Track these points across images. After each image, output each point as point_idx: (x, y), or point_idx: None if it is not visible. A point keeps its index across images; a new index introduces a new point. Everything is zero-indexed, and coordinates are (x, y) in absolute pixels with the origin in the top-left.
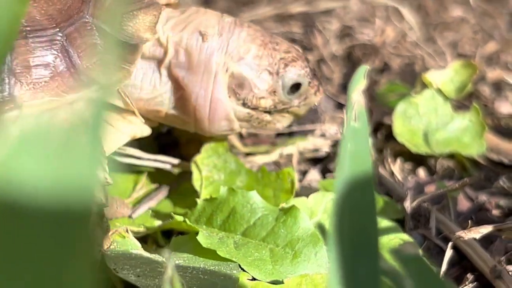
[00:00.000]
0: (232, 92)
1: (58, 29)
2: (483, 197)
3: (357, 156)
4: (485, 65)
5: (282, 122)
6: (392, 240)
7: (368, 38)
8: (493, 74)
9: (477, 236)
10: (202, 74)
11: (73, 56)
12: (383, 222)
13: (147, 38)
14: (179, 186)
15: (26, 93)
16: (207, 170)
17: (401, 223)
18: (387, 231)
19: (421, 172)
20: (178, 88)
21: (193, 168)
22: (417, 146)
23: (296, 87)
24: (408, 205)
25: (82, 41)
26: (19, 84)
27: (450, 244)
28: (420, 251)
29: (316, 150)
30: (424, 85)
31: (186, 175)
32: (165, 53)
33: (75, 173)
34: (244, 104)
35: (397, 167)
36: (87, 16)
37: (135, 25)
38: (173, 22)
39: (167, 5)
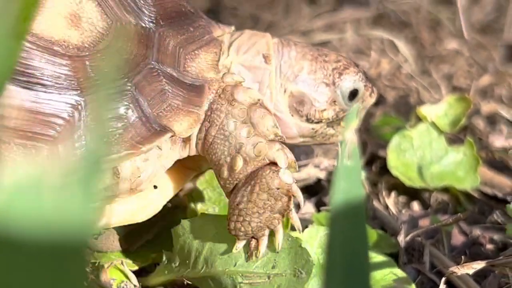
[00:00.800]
0: (294, 111)
1: (126, 79)
2: (477, 232)
3: (349, 194)
4: (480, 98)
5: (338, 134)
6: (386, 275)
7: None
8: (487, 107)
9: (471, 271)
10: (268, 96)
11: (144, 105)
12: (377, 257)
13: (212, 78)
14: (174, 218)
15: (101, 148)
16: (201, 204)
17: (395, 257)
18: (381, 265)
19: (416, 206)
20: None
21: (188, 201)
22: (411, 179)
23: (354, 93)
24: (402, 239)
25: (150, 88)
26: (94, 139)
27: (443, 279)
28: (414, 286)
29: (309, 179)
30: (419, 119)
31: (181, 207)
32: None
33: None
34: (308, 120)
35: (391, 201)
36: (153, 62)
37: (198, 65)
38: (236, 45)
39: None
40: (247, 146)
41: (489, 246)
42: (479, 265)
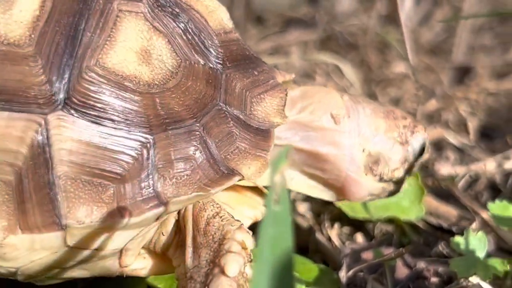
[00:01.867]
0: (368, 170)
1: (195, 119)
2: (421, 264)
3: (277, 241)
4: (426, 123)
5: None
6: None
7: None
8: (433, 133)
9: None
10: (333, 157)
11: (211, 147)
12: None
13: (278, 123)
14: None
15: (169, 188)
16: None
17: None
18: None
19: (359, 237)
20: None
21: None
22: (354, 210)
23: (422, 150)
24: (343, 274)
25: (218, 130)
26: (162, 179)
27: None
28: None
29: None
30: None
31: None
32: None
33: None
34: (381, 179)
35: (334, 232)
36: (221, 103)
37: (264, 109)
38: (300, 105)
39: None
40: None
41: (434, 279)
42: None
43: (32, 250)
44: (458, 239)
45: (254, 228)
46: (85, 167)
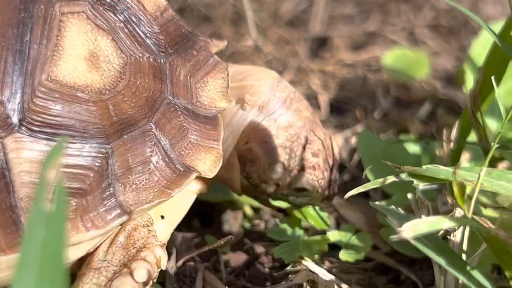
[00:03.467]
0: (242, 162)
1: (147, 119)
2: (259, 249)
3: (49, 246)
4: None
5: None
6: None
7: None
8: None
9: None
10: (227, 136)
11: (166, 145)
12: None
13: (224, 107)
14: None
15: (130, 195)
16: None
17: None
18: None
19: (196, 223)
20: None
21: None
22: None
23: (302, 189)
24: (172, 264)
25: (170, 126)
26: (122, 187)
27: None
28: None
29: None
30: None
31: None
32: None
33: None
34: (247, 178)
35: None
36: (169, 97)
37: (209, 94)
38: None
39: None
40: None
41: (271, 264)
42: None
43: None
44: (283, 225)
45: None
46: None
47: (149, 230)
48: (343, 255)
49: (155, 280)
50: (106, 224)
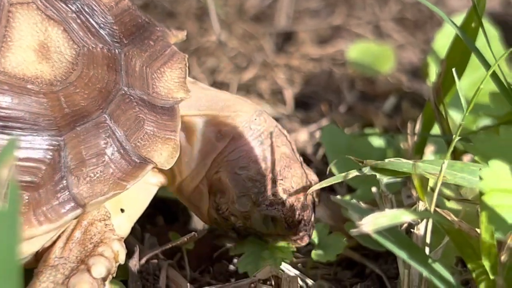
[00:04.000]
0: (212, 192)
1: (101, 110)
2: (225, 245)
3: (2, 243)
4: (243, 93)
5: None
6: None
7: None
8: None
9: None
10: (199, 162)
11: (121, 137)
12: None
13: (182, 98)
14: None
15: (84, 188)
16: None
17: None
18: None
19: (161, 220)
20: None
21: None
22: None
23: (271, 220)
24: (135, 262)
25: (125, 117)
26: (76, 179)
27: None
28: None
29: None
30: None
31: None
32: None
33: None
34: (217, 210)
35: None
36: (124, 87)
37: (166, 84)
38: (205, 100)
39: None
40: None
41: (236, 260)
42: None
43: None
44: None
45: None
46: None
47: (106, 224)
48: (315, 255)
49: (114, 275)
50: (60, 218)
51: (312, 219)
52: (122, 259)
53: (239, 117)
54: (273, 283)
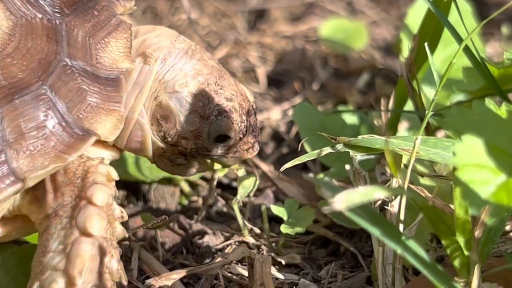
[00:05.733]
0: (155, 121)
1: (41, 82)
2: (197, 226)
3: None
4: None
5: (196, 168)
6: None
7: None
8: None
9: (169, 282)
10: (135, 96)
11: (62, 109)
12: None
13: (127, 68)
14: None
15: (24, 162)
16: None
17: None
18: None
19: (132, 202)
20: None
21: None
22: (127, 173)
23: (223, 139)
24: None
25: (67, 89)
26: (15, 153)
27: None
28: None
29: None
30: None
31: None
32: None
33: None
34: (164, 138)
35: None
36: (65, 59)
37: (111, 55)
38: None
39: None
40: (48, 278)
41: (211, 239)
42: (178, 275)
43: None
44: None
45: None
46: None
47: (81, 156)
48: (284, 228)
49: (116, 194)
50: (0, 193)
51: (257, 123)
52: (115, 176)
53: (162, 41)
54: (246, 263)
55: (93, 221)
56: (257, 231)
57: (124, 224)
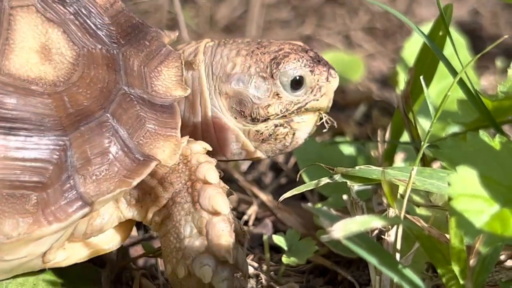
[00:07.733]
0: (236, 113)
1: (103, 110)
2: None
3: None
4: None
5: (302, 129)
6: None
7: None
8: None
9: None
10: (199, 103)
11: (124, 135)
12: None
13: (180, 96)
14: None
15: (91, 187)
16: None
17: None
18: None
19: (133, 231)
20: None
21: None
22: None
23: (298, 81)
24: (108, 273)
25: (127, 116)
26: (82, 178)
27: None
28: None
29: None
30: None
31: None
32: None
33: None
34: (254, 120)
35: None
36: (124, 87)
37: (164, 83)
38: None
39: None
40: (195, 262)
41: None
42: None
43: None
44: None
45: None
46: (5, 182)
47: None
48: (285, 258)
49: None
50: (68, 217)
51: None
52: (208, 146)
53: (197, 47)
54: None
55: (217, 200)
56: (256, 261)
57: (125, 253)
